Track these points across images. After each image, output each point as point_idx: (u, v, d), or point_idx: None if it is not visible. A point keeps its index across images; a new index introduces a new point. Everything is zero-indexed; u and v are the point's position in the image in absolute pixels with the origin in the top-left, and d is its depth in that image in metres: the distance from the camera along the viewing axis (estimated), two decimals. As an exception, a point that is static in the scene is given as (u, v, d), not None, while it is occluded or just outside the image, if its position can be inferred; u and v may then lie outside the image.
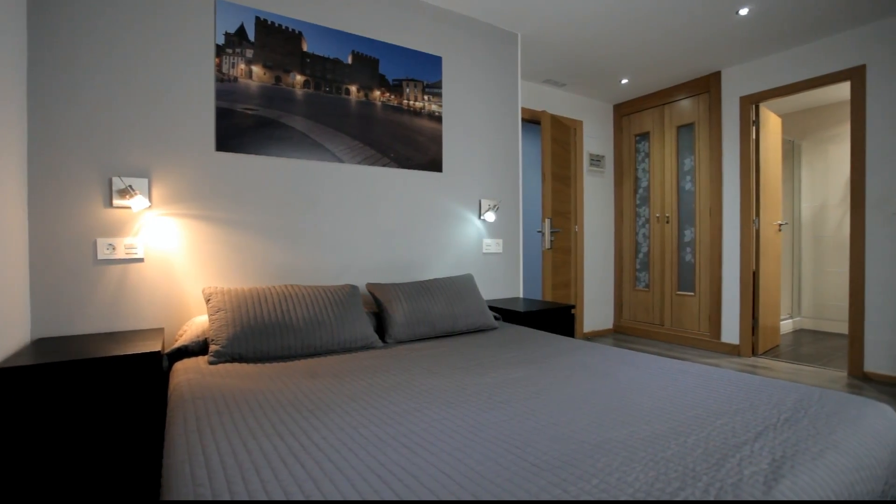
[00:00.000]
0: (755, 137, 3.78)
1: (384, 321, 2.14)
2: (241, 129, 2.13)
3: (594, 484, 0.81)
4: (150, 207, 1.94)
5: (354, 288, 2.13)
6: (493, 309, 2.72)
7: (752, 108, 3.76)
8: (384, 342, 2.08)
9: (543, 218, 3.73)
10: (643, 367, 1.60)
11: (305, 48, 2.30)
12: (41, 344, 1.65)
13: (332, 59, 2.38)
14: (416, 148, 2.66)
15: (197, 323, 1.89)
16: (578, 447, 0.96)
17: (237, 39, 2.13)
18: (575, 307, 3.02)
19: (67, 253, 1.80)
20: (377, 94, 2.52)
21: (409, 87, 2.64)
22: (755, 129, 3.77)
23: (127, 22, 1.90)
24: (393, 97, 2.58)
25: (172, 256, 1.99)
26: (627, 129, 4.73)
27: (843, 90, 4.12)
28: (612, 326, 4.86)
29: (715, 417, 1.12)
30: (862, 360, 3.14)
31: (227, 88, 2.10)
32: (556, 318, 2.69)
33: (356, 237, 2.46)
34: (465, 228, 2.89)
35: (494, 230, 3.05)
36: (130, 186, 1.86)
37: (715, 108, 3.96)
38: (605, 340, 4.44)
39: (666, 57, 3.63)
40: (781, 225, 4.09)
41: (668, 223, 4.37)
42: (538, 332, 2.26)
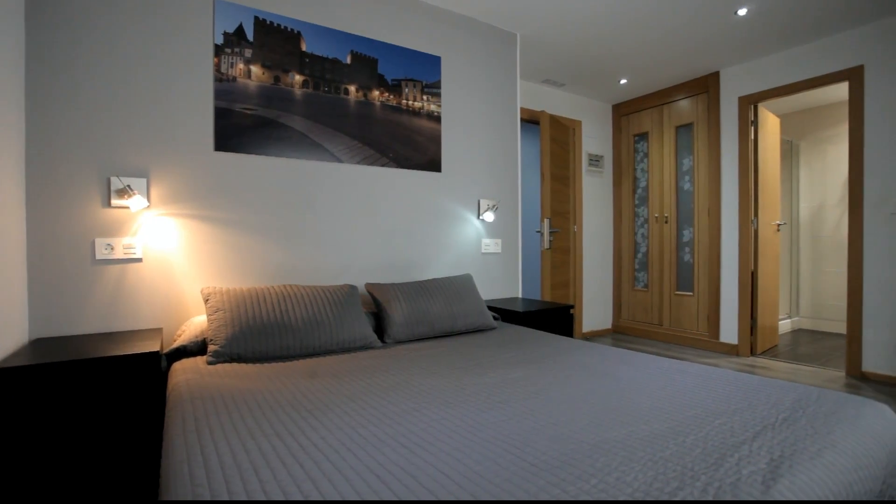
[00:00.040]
0: (754, 137, 3.78)
1: (383, 321, 2.14)
2: (239, 128, 2.13)
3: (593, 484, 0.81)
4: (148, 207, 1.94)
5: (353, 288, 2.13)
6: (491, 309, 2.72)
7: (750, 108, 3.76)
8: (383, 342, 2.08)
9: (542, 218, 3.73)
10: (642, 366, 1.60)
11: (304, 48, 2.30)
12: (39, 344, 1.65)
13: (330, 58, 2.38)
14: (415, 148, 2.66)
15: (195, 323, 1.89)
16: (577, 447, 0.96)
17: (236, 39, 2.12)
18: (574, 307, 3.02)
19: (65, 253, 1.80)
20: (376, 93, 2.52)
21: (408, 86, 2.64)
22: (754, 129, 3.78)
23: (125, 22, 1.90)
24: (392, 97, 2.58)
25: (171, 256, 1.99)
26: (626, 129, 4.74)
27: (841, 90, 4.13)
28: (610, 326, 4.87)
29: (713, 417, 1.12)
30: (860, 359, 3.15)
31: (225, 88, 2.10)
32: (554, 318, 2.69)
33: (355, 237, 2.46)
34: (463, 228, 2.89)
35: (493, 230, 3.05)
36: (129, 186, 1.86)
37: (713, 108, 3.97)
38: (603, 340, 4.44)
39: (665, 57, 3.63)
40: (780, 225, 4.10)
41: (666, 223, 4.38)
42: (537, 332, 2.26)
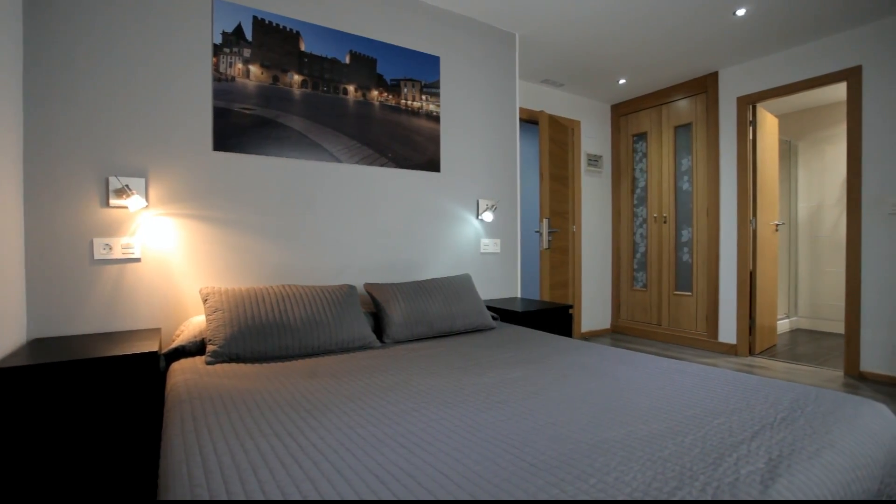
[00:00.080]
0: (752, 138, 3.79)
1: (382, 321, 2.14)
2: (238, 128, 2.13)
3: (592, 483, 0.81)
4: (146, 207, 1.94)
5: (352, 288, 2.13)
6: (490, 309, 2.72)
7: (749, 108, 3.77)
8: (382, 342, 2.08)
9: (541, 218, 3.73)
10: (641, 366, 1.60)
11: (303, 48, 2.30)
12: (37, 344, 1.65)
13: (329, 58, 2.37)
14: (413, 148, 2.66)
15: (194, 323, 1.89)
16: (576, 447, 0.96)
17: (235, 39, 2.12)
18: (573, 307, 3.02)
19: (64, 253, 1.79)
20: (375, 93, 2.52)
21: (406, 86, 2.64)
22: (752, 129, 3.79)
23: (124, 21, 1.90)
24: (391, 97, 2.58)
25: (169, 256, 1.99)
26: (625, 129, 4.74)
27: (839, 91, 4.14)
28: (609, 326, 4.87)
29: (712, 417, 1.13)
30: (858, 359, 3.16)
31: (224, 88, 2.10)
32: (553, 317, 2.69)
33: (354, 237, 2.46)
34: (462, 228, 2.89)
35: (492, 230, 3.05)
36: (127, 186, 1.86)
37: (712, 108, 3.97)
38: (602, 340, 4.45)
39: (663, 57, 3.63)
40: (778, 225, 4.11)
41: (665, 223, 4.38)
42: (536, 331, 2.26)
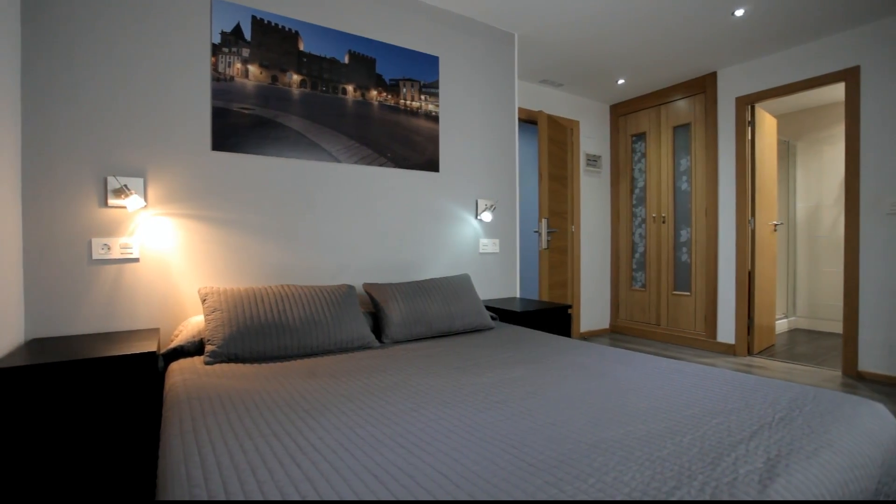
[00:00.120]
0: (751, 138, 3.79)
1: (381, 321, 2.13)
2: (237, 128, 2.13)
3: (590, 483, 0.81)
4: (145, 207, 1.93)
5: (351, 288, 2.13)
6: (489, 309, 2.72)
7: (747, 108, 3.78)
8: (381, 342, 2.08)
9: (540, 218, 3.73)
10: (639, 366, 1.60)
11: (302, 47, 2.30)
12: (35, 344, 1.64)
13: (328, 58, 2.37)
14: (412, 148, 2.66)
15: (193, 323, 1.88)
16: (575, 447, 0.96)
17: (233, 39, 2.12)
18: (571, 307, 3.03)
19: (62, 253, 1.79)
20: (374, 93, 2.52)
21: (405, 86, 2.64)
22: (751, 129, 3.79)
23: (123, 21, 1.89)
24: (390, 97, 2.58)
25: (168, 256, 1.99)
26: (624, 129, 4.75)
27: (837, 91, 4.14)
28: (608, 326, 4.88)
29: (710, 417, 1.13)
30: (856, 359, 3.16)
31: (223, 88, 2.09)
32: (552, 317, 2.69)
33: (353, 237, 2.46)
34: (461, 228, 2.89)
35: (491, 230, 3.05)
36: (126, 186, 1.85)
37: (711, 108, 3.98)
38: (601, 340, 4.45)
39: (662, 57, 3.64)
40: (777, 225, 4.11)
41: (664, 223, 4.39)
42: (535, 331, 2.26)
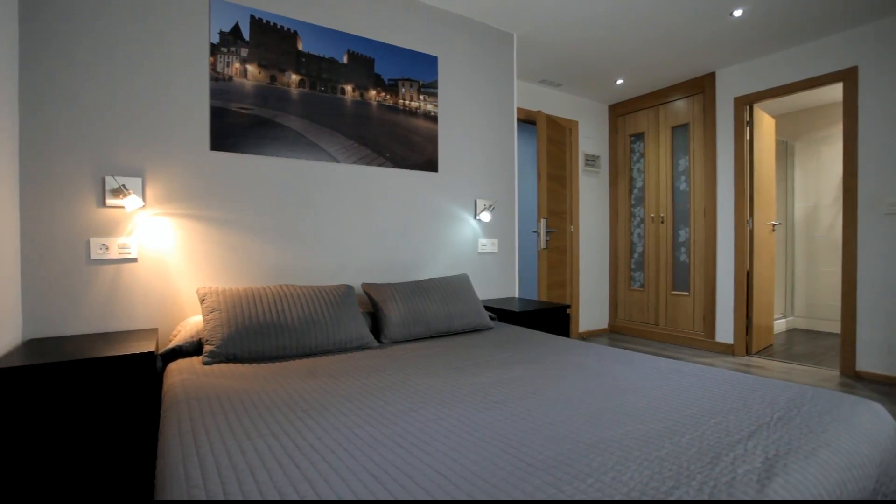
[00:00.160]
0: (749, 138, 3.80)
1: (380, 321, 2.13)
2: (235, 128, 2.12)
3: (589, 483, 0.81)
4: (143, 207, 1.93)
5: (350, 288, 2.13)
6: (488, 309, 2.72)
7: (745, 108, 3.78)
8: (380, 342, 2.08)
9: (539, 218, 3.74)
10: (638, 366, 1.60)
11: (301, 47, 2.30)
12: (33, 345, 1.64)
13: (327, 58, 2.37)
14: (411, 148, 2.66)
15: (191, 323, 1.88)
16: (573, 447, 0.96)
17: (232, 38, 2.12)
18: (570, 307, 3.03)
19: (60, 253, 1.79)
20: (373, 93, 2.52)
21: (404, 86, 2.63)
22: (749, 129, 3.80)
23: (121, 21, 1.89)
24: (388, 97, 2.57)
25: (166, 256, 1.98)
26: (622, 129, 4.75)
27: (835, 91, 4.16)
28: (607, 326, 4.88)
29: (709, 416, 1.13)
30: (854, 359, 3.17)
31: (221, 87, 2.09)
32: (551, 317, 2.69)
33: (352, 237, 2.46)
34: (460, 228, 2.89)
35: (490, 230, 3.05)
36: (124, 186, 1.85)
37: (709, 108, 3.99)
38: (600, 340, 4.46)
39: (661, 58, 3.64)
40: (775, 225, 4.12)
41: (662, 223, 4.39)
42: (534, 331, 2.26)
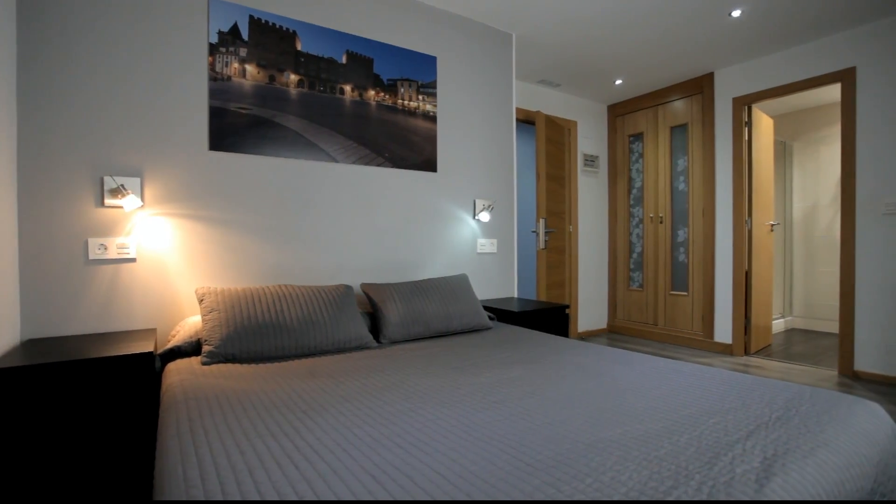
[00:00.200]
0: (747, 138, 3.81)
1: (379, 321, 2.13)
2: (234, 128, 2.12)
3: (588, 483, 0.81)
4: (142, 207, 1.93)
5: (349, 288, 2.13)
6: (487, 309, 2.72)
7: (744, 109, 3.79)
8: (379, 342, 2.08)
9: (538, 218, 3.74)
10: (637, 366, 1.60)
11: (300, 47, 2.29)
12: (31, 345, 1.64)
13: (326, 58, 2.37)
14: (410, 148, 2.66)
15: (190, 323, 1.88)
16: (572, 447, 0.96)
17: (231, 38, 2.11)
18: (569, 307, 3.03)
19: (58, 253, 1.78)
20: (372, 93, 2.52)
21: (403, 86, 2.63)
22: (747, 130, 3.81)
23: (120, 20, 1.88)
24: (387, 97, 2.57)
25: (165, 256, 1.98)
26: (621, 129, 4.76)
27: (833, 92, 4.17)
28: (606, 326, 4.88)
29: (707, 416, 1.13)
30: (852, 359, 3.18)
31: (220, 87, 2.09)
32: (550, 317, 2.69)
33: (350, 237, 2.46)
34: (459, 228, 2.89)
35: (489, 230, 3.05)
36: (122, 186, 1.85)
37: (708, 109, 3.99)
38: (599, 340, 4.46)
39: (659, 58, 3.65)
40: (773, 225, 4.13)
41: (661, 223, 4.40)
42: (533, 331, 2.27)
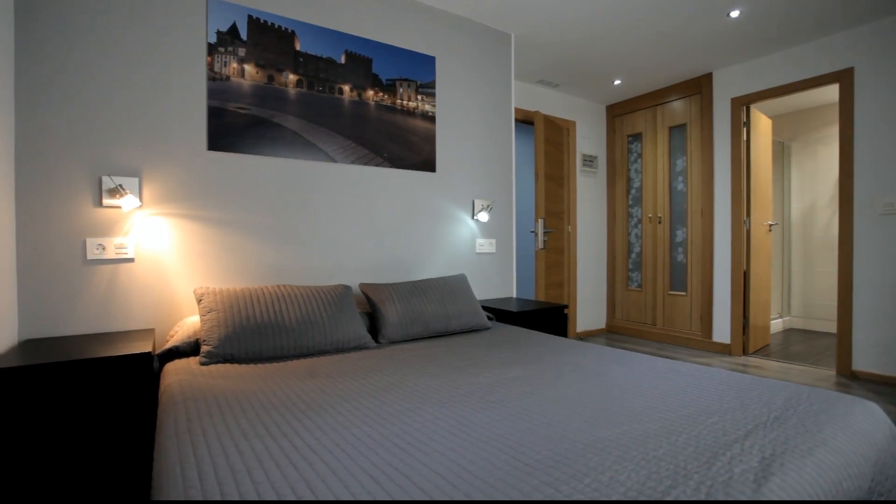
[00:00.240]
0: (746, 139, 3.81)
1: (377, 321, 2.13)
2: (233, 128, 2.12)
3: (586, 483, 0.81)
4: (140, 207, 1.93)
5: (347, 288, 2.13)
6: (486, 309, 2.72)
7: (742, 109, 3.79)
8: (377, 342, 2.08)
9: (536, 218, 3.74)
10: (635, 366, 1.61)
11: (298, 47, 2.29)
12: (29, 345, 1.63)
13: (325, 58, 2.37)
14: (409, 148, 2.66)
15: (188, 323, 1.88)
16: (571, 446, 0.96)
17: (229, 38, 2.11)
18: (568, 307, 3.03)
19: (56, 253, 1.78)
20: (370, 93, 2.52)
21: (402, 86, 2.63)
22: (746, 130, 3.81)
23: (119, 20, 1.88)
24: (386, 97, 2.57)
25: (163, 256, 1.98)
26: (620, 129, 4.76)
27: (832, 92, 4.17)
28: (604, 326, 4.89)
29: (706, 416, 1.13)
30: (850, 358, 3.18)
31: (219, 87, 2.09)
32: (549, 317, 2.69)
33: (349, 237, 2.46)
34: (458, 228, 2.89)
35: (488, 230, 3.05)
36: (121, 186, 1.84)
37: (706, 109, 4.00)
38: (597, 340, 4.46)
39: (658, 58, 3.65)
40: (772, 225, 4.13)
41: (660, 223, 4.40)
42: (531, 331, 2.27)
